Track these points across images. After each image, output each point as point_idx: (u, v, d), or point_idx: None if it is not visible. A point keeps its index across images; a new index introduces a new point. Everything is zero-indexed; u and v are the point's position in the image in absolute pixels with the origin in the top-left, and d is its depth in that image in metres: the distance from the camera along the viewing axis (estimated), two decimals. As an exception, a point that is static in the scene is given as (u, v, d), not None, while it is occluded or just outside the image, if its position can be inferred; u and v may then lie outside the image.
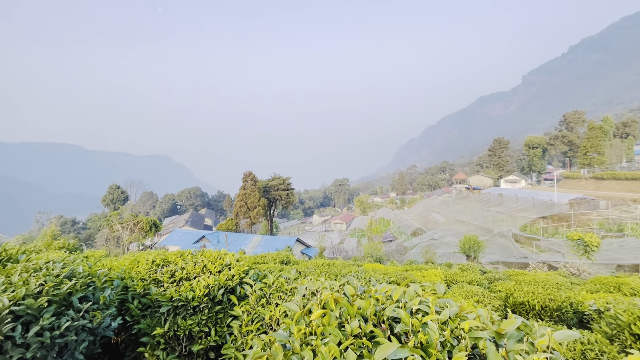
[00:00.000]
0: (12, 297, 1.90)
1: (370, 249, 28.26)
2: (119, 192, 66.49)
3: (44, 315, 1.91)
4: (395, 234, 54.66)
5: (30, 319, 1.89)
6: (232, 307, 2.95)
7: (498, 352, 1.03)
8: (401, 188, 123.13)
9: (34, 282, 2.10)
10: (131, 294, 2.84)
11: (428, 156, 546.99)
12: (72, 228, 76.39)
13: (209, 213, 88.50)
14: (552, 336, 1.04)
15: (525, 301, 5.78)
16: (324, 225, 79.05)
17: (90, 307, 2.20)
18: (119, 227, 29.66)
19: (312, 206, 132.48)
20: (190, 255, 3.66)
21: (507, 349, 1.05)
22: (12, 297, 1.90)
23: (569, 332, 1.05)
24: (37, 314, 1.92)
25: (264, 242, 32.55)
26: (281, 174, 54.57)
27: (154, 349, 2.63)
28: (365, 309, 1.31)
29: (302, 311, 1.38)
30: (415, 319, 1.21)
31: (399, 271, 12.35)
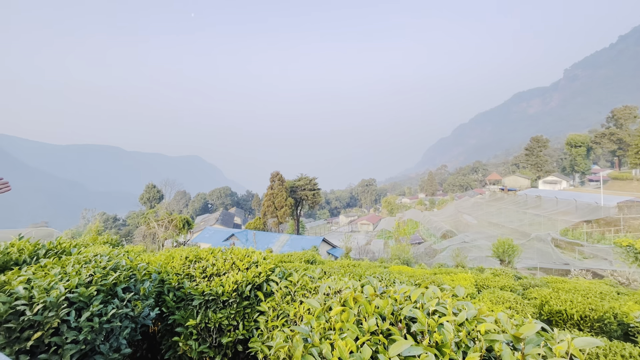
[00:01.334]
0: (67, 285, 2.14)
1: (397, 251, 27.80)
2: (155, 191, 70.25)
3: (93, 302, 2.13)
4: (424, 236, 53.31)
5: (82, 305, 2.12)
6: (259, 303, 3.08)
7: (514, 355, 1.04)
8: (430, 189, 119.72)
9: (85, 273, 2.34)
10: (167, 287, 3.06)
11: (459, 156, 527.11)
12: (113, 224, 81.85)
13: (238, 212, 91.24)
14: (572, 342, 1.03)
15: (562, 310, 5.47)
16: (350, 225, 78.70)
17: (132, 297, 2.41)
18: (155, 224, 31.40)
19: (338, 206, 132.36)
20: (220, 252, 3.86)
21: (524, 352, 1.05)
22: (67, 286, 2.13)
23: (591, 339, 1.02)
24: (88, 301, 2.14)
25: (291, 241, 33.03)
26: (307, 174, 55.10)
27: (187, 339, 2.81)
28: (383, 308, 1.36)
29: (323, 308, 1.45)
30: (432, 319, 1.24)
31: (427, 274, 12.08)
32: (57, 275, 2.27)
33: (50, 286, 2.11)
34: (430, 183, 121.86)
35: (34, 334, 1.90)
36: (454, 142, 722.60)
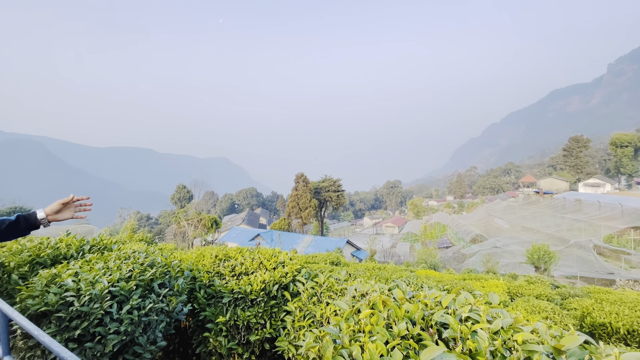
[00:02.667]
0: (110, 279, 2.29)
1: (424, 255, 27.10)
2: (185, 192, 73.13)
3: (132, 296, 2.27)
4: (452, 240, 51.59)
5: (122, 298, 2.26)
6: (286, 303, 3.13)
7: (555, 368, 0.98)
8: (459, 191, 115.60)
9: (125, 268, 2.49)
10: (198, 284, 3.18)
11: (490, 157, 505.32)
12: (146, 223, 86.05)
13: (263, 212, 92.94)
14: (620, 357, 0.95)
15: (606, 323, 5.09)
16: (375, 228, 77.70)
17: (167, 292, 2.54)
18: (185, 223, 32.70)
19: (362, 208, 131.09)
20: (248, 251, 3.96)
21: (566, 365, 0.99)
22: (110, 280, 2.28)
23: (641, 355, 0.95)
24: (128, 295, 2.28)
25: (315, 242, 33.15)
26: (332, 176, 55.10)
27: (217, 335, 2.91)
28: (413, 312, 1.33)
29: (351, 310, 1.45)
30: (465, 326, 1.20)
31: (455, 280, 11.69)
32: (101, 270, 2.43)
33: (95, 280, 2.27)
34: (459, 185, 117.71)
35: (81, 324, 2.05)
36: (485, 143, 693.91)
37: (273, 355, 3.34)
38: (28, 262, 2.88)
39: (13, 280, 2.72)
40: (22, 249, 3.15)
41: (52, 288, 2.18)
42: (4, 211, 32.62)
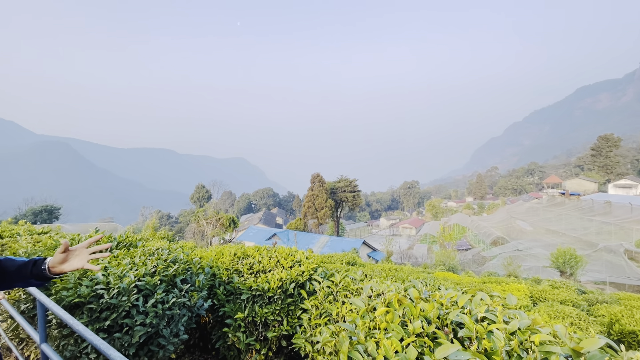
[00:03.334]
0: (136, 274, 2.41)
1: (442, 257, 26.58)
2: (204, 191, 74.78)
3: (157, 290, 2.38)
4: (471, 242, 50.32)
5: (148, 292, 2.37)
6: (302, 301, 3.18)
7: (573, 370, 0.97)
8: (479, 192, 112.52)
9: (149, 264, 2.61)
10: (218, 280, 3.28)
11: (512, 157, 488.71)
12: (167, 221, 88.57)
13: (279, 212, 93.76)
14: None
15: (636, 330, 4.86)
16: (392, 229, 76.81)
17: (189, 288, 2.64)
18: (204, 222, 33.48)
19: (379, 209, 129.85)
20: (265, 250, 4.05)
21: (585, 367, 0.98)
22: (136, 275, 2.40)
23: (665, 359, 0.92)
24: (153, 289, 2.39)
25: (331, 242, 33.15)
26: (347, 176, 54.92)
27: (236, 331, 3.00)
28: (429, 311, 1.35)
29: (367, 307, 1.48)
30: (480, 325, 1.20)
31: (475, 283, 11.42)
32: (128, 265, 2.56)
33: (122, 274, 2.40)
34: (479, 186, 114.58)
35: (110, 315, 2.18)
36: (506, 143, 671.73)
37: (289, 352, 3.40)
38: (61, 256, 3.06)
39: (48, 274, 2.90)
40: (56, 244, 3.35)
41: (84, 281, 2.33)
42: (36, 209, 34.45)
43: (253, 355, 3.08)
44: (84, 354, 2.17)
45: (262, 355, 3.05)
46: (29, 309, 2.87)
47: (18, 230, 4.97)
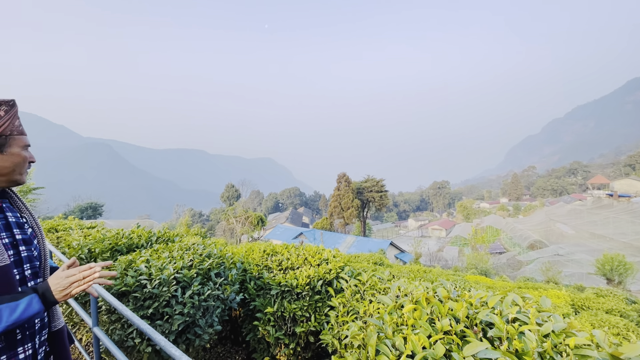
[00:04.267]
0: (175, 267, 2.58)
1: (474, 260, 25.58)
2: (234, 190, 77.08)
3: (194, 283, 2.53)
4: (506, 245, 47.95)
5: (185, 284, 2.54)
6: (330, 298, 3.23)
7: (611, 375, 0.93)
8: (515, 193, 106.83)
9: (186, 258, 2.78)
10: (249, 275, 3.42)
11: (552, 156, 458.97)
12: (199, 219, 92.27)
13: (306, 212, 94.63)
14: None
15: (694, 345, 4.42)
16: (420, 230, 74.97)
17: (222, 281, 2.78)
18: (234, 220, 34.56)
19: (407, 209, 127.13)
20: (293, 248, 4.15)
21: (625, 373, 0.94)
22: (175, 267, 2.57)
23: None
24: (190, 281, 2.55)
25: (357, 242, 32.97)
26: (374, 176, 54.31)
27: (266, 325, 3.11)
28: (457, 310, 1.34)
29: (395, 305, 1.50)
30: (511, 326, 1.18)
31: (509, 287, 10.93)
32: (167, 258, 2.75)
33: (163, 266, 2.58)
34: (514, 186, 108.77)
35: (152, 304, 2.36)
36: (545, 140, 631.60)
37: (317, 348, 3.47)
38: (109, 249, 3.34)
39: (98, 264, 3.18)
40: (103, 237, 3.65)
41: (129, 272, 2.53)
42: (83, 206, 37.20)
43: (282, 349, 3.18)
44: (130, 338, 2.37)
45: (290, 349, 3.13)
46: (82, 296, 3.16)
47: (70, 224, 5.44)
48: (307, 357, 3.38)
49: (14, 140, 1.22)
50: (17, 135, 1.23)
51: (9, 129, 1.20)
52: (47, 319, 1.34)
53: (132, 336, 2.36)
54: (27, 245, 1.28)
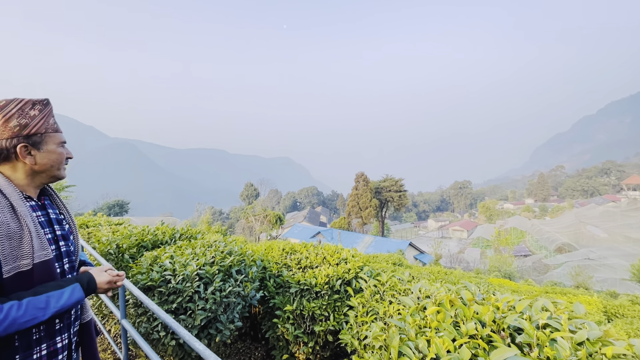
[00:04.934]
0: (197, 263, 2.64)
1: (497, 262, 24.75)
2: (252, 189, 78.28)
3: (215, 279, 2.59)
4: (532, 248, 46.13)
5: (207, 280, 2.59)
6: (349, 298, 3.22)
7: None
8: (541, 193, 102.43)
9: (208, 255, 2.84)
10: (268, 273, 3.46)
11: (583, 155, 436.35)
12: (219, 217, 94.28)
13: (324, 211, 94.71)
14: None
15: None
16: (441, 231, 73.33)
17: (243, 279, 2.83)
18: (253, 218, 35.09)
19: (426, 210, 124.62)
20: (312, 247, 4.16)
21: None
22: (198, 264, 2.64)
23: None
24: (212, 277, 2.60)
25: (375, 242, 32.66)
26: (393, 175, 53.60)
27: (285, 322, 3.13)
28: (483, 314, 1.29)
29: (417, 306, 1.46)
30: (542, 332, 1.13)
31: (535, 292, 10.52)
32: (190, 255, 2.82)
33: (186, 262, 2.65)
34: (541, 186, 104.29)
35: (176, 299, 2.43)
36: (575, 139, 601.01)
37: (335, 347, 3.47)
38: (135, 245, 3.48)
39: (125, 259, 3.31)
40: (130, 234, 3.80)
41: (154, 267, 2.62)
42: (110, 203, 38.86)
43: (301, 347, 3.19)
44: (155, 331, 2.45)
45: (309, 347, 3.15)
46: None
47: (100, 221, 5.69)
48: (325, 356, 3.38)
49: (49, 138, 1.26)
50: (52, 132, 1.27)
51: (43, 127, 1.24)
52: (79, 311, 1.41)
53: (157, 329, 2.44)
54: (65, 240, 1.35)
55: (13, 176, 1.22)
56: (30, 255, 1.12)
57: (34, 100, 1.24)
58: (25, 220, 1.14)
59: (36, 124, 1.22)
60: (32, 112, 1.22)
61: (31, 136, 1.21)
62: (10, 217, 1.11)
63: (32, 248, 1.12)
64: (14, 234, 1.09)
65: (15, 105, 1.19)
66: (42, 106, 1.26)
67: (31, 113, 1.22)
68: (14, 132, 1.18)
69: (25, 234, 1.12)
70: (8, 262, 1.07)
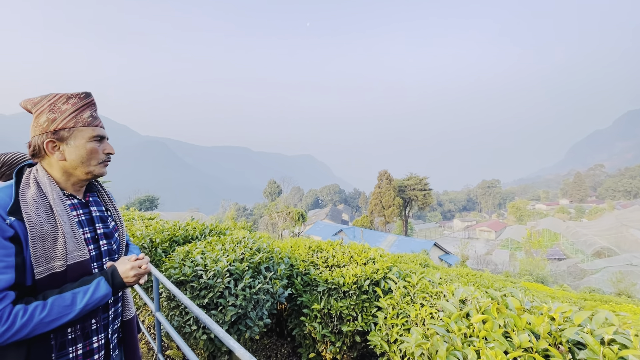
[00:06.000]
0: (228, 259, 2.67)
1: (528, 266, 23.61)
2: (275, 186, 79.34)
3: (245, 276, 2.60)
4: (566, 251, 43.64)
5: (237, 277, 2.61)
6: (377, 299, 3.14)
7: None
8: (578, 194, 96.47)
9: (238, 251, 2.86)
10: (295, 271, 3.44)
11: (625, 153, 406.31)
12: (243, 213, 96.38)
13: (345, 209, 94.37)
14: None
15: None
16: (467, 231, 70.97)
17: (272, 276, 2.82)
18: (276, 215, 35.55)
19: (452, 209, 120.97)
20: (338, 245, 4.11)
21: None
22: (228, 260, 2.66)
23: None
24: (242, 274, 2.62)
25: (399, 242, 32.13)
26: (418, 173, 52.41)
27: (312, 321, 3.11)
28: (536, 325, 1.19)
29: (460, 313, 1.38)
30: (609, 349, 1.02)
31: (573, 298, 9.92)
32: (220, 251, 2.85)
33: (217, 258, 2.68)
34: (577, 186, 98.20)
35: (207, 294, 2.46)
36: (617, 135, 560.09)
37: (362, 348, 3.40)
38: (168, 239, 3.57)
39: (158, 253, 3.41)
40: (162, 228, 3.92)
41: (187, 262, 2.67)
42: (141, 198, 40.70)
43: (328, 347, 3.16)
44: (187, 325, 2.50)
45: (336, 347, 3.11)
46: (144, 282, 3.42)
47: (133, 215, 5.94)
48: (352, 357, 3.33)
49: (79, 132, 1.19)
50: (83, 126, 1.20)
51: (72, 122, 1.18)
52: (120, 308, 1.38)
53: (189, 323, 2.49)
54: (108, 239, 1.32)
55: (51, 173, 1.19)
56: (64, 257, 1.09)
57: (70, 95, 1.19)
58: (60, 221, 1.11)
59: (64, 119, 1.16)
60: (64, 107, 1.17)
61: (58, 131, 1.16)
62: (45, 218, 1.08)
63: (66, 249, 1.10)
64: (47, 235, 1.07)
65: (47, 101, 1.16)
66: (78, 100, 1.20)
67: (62, 107, 1.17)
68: (43, 128, 1.15)
69: (59, 235, 1.09)
70: (41, 264, 1.05)
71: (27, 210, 1.06)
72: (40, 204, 1.10)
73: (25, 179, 1.14)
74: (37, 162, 1.20)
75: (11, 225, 1.02)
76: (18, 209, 1.06)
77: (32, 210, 1.07)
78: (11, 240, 1.01)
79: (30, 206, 1.08)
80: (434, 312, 2.59)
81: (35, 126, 1.15)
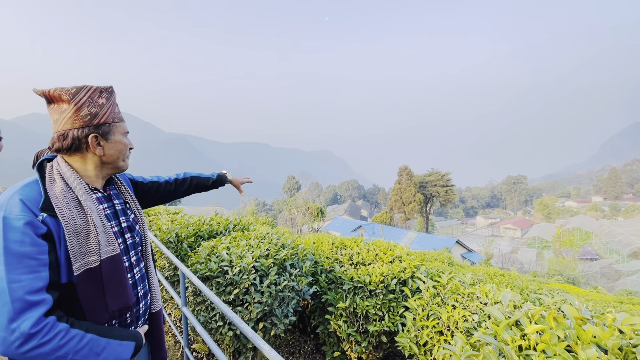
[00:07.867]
0: (253, 255, 2.63)
1: (557, 265, 22.55)
2: (294, 182, 79.84)
3: (270, 273, 2.55)
4: (600, 251, 41.40)
5: (263, 273, 2.57)
6: (405, 299, 3.03)
7: None
8: (613, 191, 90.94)
9: (263, 247, 2.82)
10: (320, 268, 3.38)
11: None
12: (262, 209, 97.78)
13: (364, 205, 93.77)
14: None
15: None
16: (491, 229, 68.74)
17: (297, 273, 2.77)
18: (295, 211, 35.77)
19: (475, 206, 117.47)
20: (362, 242, 4.00)
21: None
22: (253, 256, 2.62)
23: None
24: (267, 270, 2.58)
25: (419, 239, 31.56)
26: (439, 169, 51.15)
27: (337, 320, 3.04)
28: (604, 338, 1.05)
29: (509, 321, 1.25)
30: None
31: (608, 301, 9.36)
32: (245, 246, 2.82)
33: (242, 254, 2.65)
34: (612, 183, 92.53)
35: (233, 290, 2.43)
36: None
37: (388, 348, 3.31)
38: (193, 234, 3.60)
39: (184, 247, 3.45)
40: (187, 223, 3.95)
41: (212, 257, 2.66)
42: (166, 193, 42.02)
43: (353, 346, 3.09)
44: (213, 320, 2.49)
45: (362, 347, 3.03)
46: (171, 276, 3.46)
47: (158, 210, 6.08)
48: (378, 357, 3.24)
49: (116, 128, 1.20)
50: (118, 122, 1.22)
51: (111, 117, 1.18)
52: (149, 301, 1.38)
53: (215, 319, 2.48)
54: (131, 232, 1.30)
55: (82, 168, 1.17)
56: (97, 252, 1.08)
57: (101, 88, 1.17)
58: (91, 215, 1.09)
59: (105, 113, 1.16)
60: (100, 101, 1.15)
61: (101, 126, 1.15)
62: (76, 213, 1.06)
63: (99, 244, 1.08)
64: (80, 230, 1.05)
65: (85, 93, 1.13)
66: (108, 94, 1.19)
67: (99, 101, 1.15)
68: (85, 121, 1.12)
69: (91, 230, 1.08)
70: (77, 259, 1.03)
71: (59, 206, 1.04)
72: (70, 198, 1.08)
73: (49, 174, 1.11)
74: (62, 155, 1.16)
75: (43, 221, 0.99)
76: (49, 205, 1.03)
77: (63, 205, 1.05)
78: (43, 237, 0.98)
79: (61, 201, 1.05)
80: (467, 315, 2.46)
81: (75, 119, 1.11)
